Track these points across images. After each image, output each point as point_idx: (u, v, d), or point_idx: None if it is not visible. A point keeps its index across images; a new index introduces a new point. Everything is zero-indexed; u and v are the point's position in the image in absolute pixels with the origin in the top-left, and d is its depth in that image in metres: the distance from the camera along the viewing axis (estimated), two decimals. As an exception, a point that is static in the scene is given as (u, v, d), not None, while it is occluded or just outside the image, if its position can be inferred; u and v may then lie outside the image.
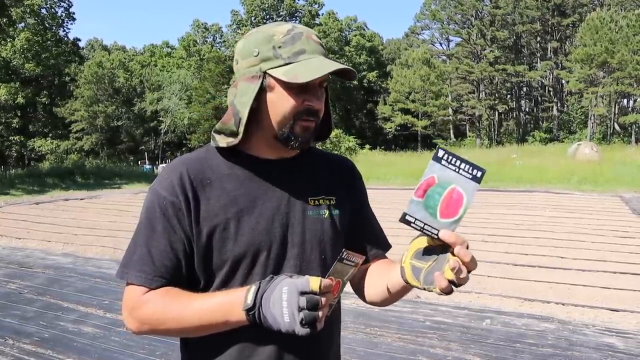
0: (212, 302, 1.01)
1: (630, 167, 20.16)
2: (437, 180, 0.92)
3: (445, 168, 0.92)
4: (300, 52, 1.05)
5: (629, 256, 6.61)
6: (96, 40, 60.76)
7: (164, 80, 49.04)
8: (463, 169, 0.91)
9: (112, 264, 6.75)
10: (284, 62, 1.05)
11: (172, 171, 1.10)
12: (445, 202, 0.92)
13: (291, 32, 1.07)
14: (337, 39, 51.62)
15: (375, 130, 54.06)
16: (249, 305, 0.96)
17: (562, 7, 48.94)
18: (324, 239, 1.14)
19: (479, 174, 0.91)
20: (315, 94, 1.07)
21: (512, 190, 16.86)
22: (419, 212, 0.92)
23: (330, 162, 1.27)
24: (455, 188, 0.91)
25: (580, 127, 44.91)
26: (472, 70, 48.02)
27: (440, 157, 0.92)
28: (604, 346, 3.84)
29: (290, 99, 1.06)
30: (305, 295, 0.92)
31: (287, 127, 1.08)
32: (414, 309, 4.75)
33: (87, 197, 16.72)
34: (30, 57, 36.22)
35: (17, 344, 4.00)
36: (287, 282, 0.95)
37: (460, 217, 0.92)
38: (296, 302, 0.92)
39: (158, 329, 1.05)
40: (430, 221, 0.92)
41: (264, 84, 1.07)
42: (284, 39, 1.06)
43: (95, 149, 47.76)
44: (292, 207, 1.12)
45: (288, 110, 1.06)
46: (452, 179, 0.91)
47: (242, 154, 1.14)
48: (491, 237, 8.04)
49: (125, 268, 1.07)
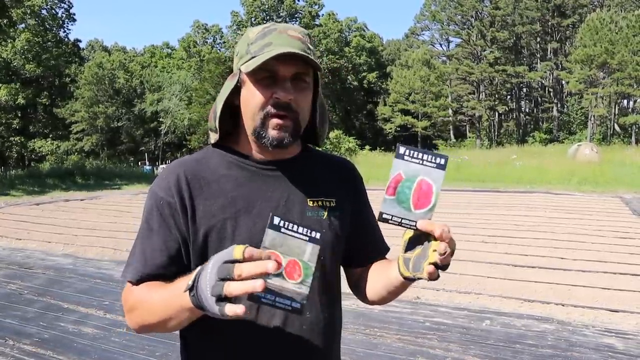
0: (172, 287, 0.97)
1: (630, 167, 20.16)
2: (404, 176, 0.96)
3: (409, 163, 0.96)
4: (267, 44, 1.05)
5: (629, 257, 6.61)
6: (97, 41, 60.80)
7: (164, 81, 49.07)
8: (426, 159, 0.95)
9: (112, 265, 6.76)
10: (251, 56, 1.06)
11: (169, 172, 1.11)
12: (417, 194, 0.95)
13: (266, 29, 1.08)
14: (337, 39, 51.62)
15: (375, 131, 54.05)
16: (189, 285, 0.88)
17: (562, 8, 48.95)
18: (323, 240, 1.14)
19: (442, 160, 0.95)
20: (283, 85, 1.05)
21: (512, 191, 16.86)
22: (393, 209, 0.96)
23: (331, 163, 1.26)
24: (423, 179, 0.95)
25: (580, 128, 44.91)
26: (472, 71, 48.03)
27: (402, 153, 0.96)
28: (603, 347, 3.85)
29: (257, 92, 1.06)
30: (227, 263, 0.83)
31: (259, 123, 1.07)
32: (414, 310, 4.75)
33: (87, 198, 16.72)
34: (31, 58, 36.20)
35: (17, 345, 4.01)
36: (217, 254, 0.86)
37: (433, 205, 0.95)
38: (216, 273, 0.82)
39: (143, 324, 1.05)
40: (406, 215, 0.96)
41: (239, 82, 1.09)
42: (257, 36, 1.08)
43: (96, 150, 47.79)
44: (290, 208, 1.12)
45: (257, 105, 1.06)
46: (418, 172, 0.95)
47: (240, 155, 1.15)
48: (491, 238, 8.04)
49: (125, 267, 1.10)
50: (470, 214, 10.86)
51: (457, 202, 13.31)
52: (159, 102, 47.08)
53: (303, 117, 1.10)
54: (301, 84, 1.07)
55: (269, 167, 1.14)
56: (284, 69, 1.04)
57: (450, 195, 14.92)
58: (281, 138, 1.06)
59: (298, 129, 1.09)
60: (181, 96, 46.17)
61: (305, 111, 1.10)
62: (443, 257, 0.93)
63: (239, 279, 0.81)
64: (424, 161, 0.95)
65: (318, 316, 1.13)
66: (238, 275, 0.81)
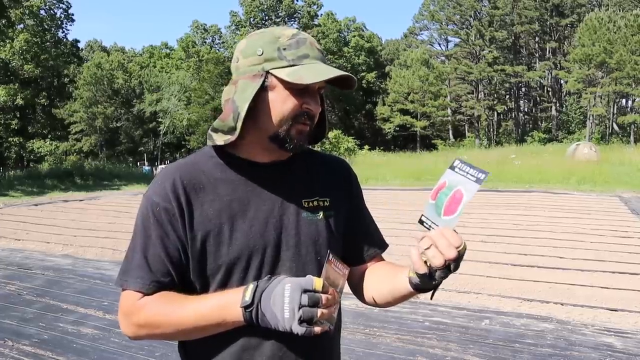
0: (209, 302, 1.02)
1: (629, 167, 20.20)
2: (447, 184, 1.01)
3: (456, 174, 1.01)
4: (305, 56, 1.07)
5: (628, 256, 6.62)
6: (95, 42, 60.72)
7: (163, 81, 49.03)
8: (470, 173, 0.99)
9: (111, 266, 6.75)
10: (289, 64, 1.06)
11: (165, 177, 1.10)
12: (449, 202, 0.99)
13: (296, 36, 1.09)
14: (336, 39, 51.64)
15: (374, 130, 54.06)
16: (247, 302, 0.96)
17: (560, 8, 49.01)
18: (319, 240, 1.15)
19: (482, 176, 0.99)
20: (314, 97, 1.09)
21: (511, 191, 16.87)
22: (430, 213, 1.02)
23: (325, 162, 1.27)
24: (459, 189, 0.99)
25: (579, 127, 44.97)
26: (470, 71, 48.07)
27: (455, 166, 1.02)
28: (602, 346, 3.85)
29: (291, 99, 1.07)
30: (308, 292, 0.93)
31: (284, 128, 1.08)
32: (413, 310, 4.75)
33: (86, 199, 16.72)
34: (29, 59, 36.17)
35: (17, 346, 4.00)
36: (290, 279, 0.96)
37: (458, 214, 0.98)
38: (298, 299, 0.93)
39: (154, 333, 1.06)
40: (436, 219, 1.00)
41: (266, 83, 1.07)
42: (289, 42, 1.07)
43: (94, 150, 47.77)
44: (285, 210, 1.13)
45: (288, 111, 1.07)
46: (459, 182, 1.00)
47: (235, 158, 1.14)
48: (490, 238, 8.05)
49: (124, 275, 1.09)
50: (470, 214, 10.87)
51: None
52: (157, 102, 47.04)
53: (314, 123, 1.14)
54: (321, 94, 1.13)
55: (264, 169, 1.15)
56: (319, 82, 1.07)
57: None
58: (302, 143, 1.11)
59: (311, 134, 1.14)
60: (180, 96, 46.16)
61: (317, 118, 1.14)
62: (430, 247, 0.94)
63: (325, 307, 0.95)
64: (468, 174, 1.00)
65: None
66: (325, 304, 0.95)
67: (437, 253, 0.93)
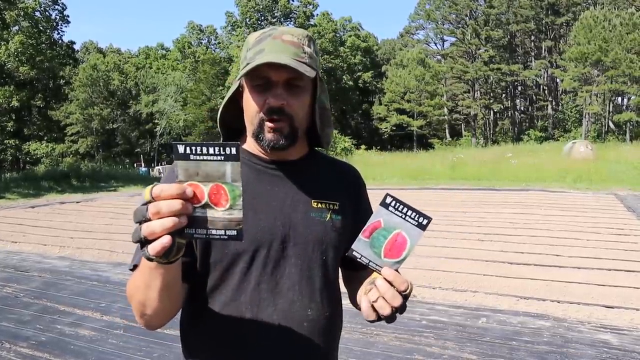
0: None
1: (624, 165, 20.25)
2: (383, 225, 0.97)
3: (392, 214, 0.97)
4: (260, 51, 1.08)
5: (624, 253, 6.64)
6: (91, 43, 60.60)
7: (159, 82, 48.97)
8: (409, 215, 0.97)
9: (108, 267, 6.75)
10: (246, 63, 1.09)
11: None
12: (390, 245, 0.98)
13: (263, 34, 1.11)
14: (332, 39, 51.57)
15: (370, 130, 54.09)
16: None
17: (555, 6, 49.08)
18: (326, 240, 1.16)
19: (425, 221, 0.97)
20: (275, 91, 1.08)
21: (508, 189, 16.90)
22: (365, 250, 0.98)
23: (336, 167, 1.29)
24: (400, 233, 0.97)
25: (575, 126, 45.04)
26: (466, 70, 48.09)
27: (388, 203, 0.97)
28: (599, 343, 3.87)
29: (254, 97, 1.09)
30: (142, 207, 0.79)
31: (256, 127, 1.11)
32: (410, 308, 4.76)
33: (83, 200, 16.68)
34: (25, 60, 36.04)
35: (14, 348, 4.00)
36: None
37: (403, 259, 0.98)
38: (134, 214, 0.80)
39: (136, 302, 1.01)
40: (375, 259, 0.98)
41: (240, 87, 1.13)
42: (254, 42, 1.11)
43: (91, 152, 47.68)
44: (295, 208, 1.14)
45: (253, 109, 1.10)
46: (398, 225, 0.97)
47: (249, 154, 1.17)
48: (487, 236, 8.06)
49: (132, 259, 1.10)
50: (466, 212, 10.89)
51: (453, 200, 13.34)
52: (154, 103, 46.96)
53: (299, 120, 1.12)
54: (294, 89, 1.09)
55: (275, 166, 1.16)
56: (276, 74, 1.07)
57: (446, 194, 14.96)
58: (276, 140, 1.10)
59: (295, 132, 1.12)
60: (176, 97, 46.10)
61: (301, 114, 1.12)
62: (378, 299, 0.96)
63: (157, 218, 0.77)
64: (407, 216, 0.97)
65: (319, 314, 1.15)
66: (154, 213, 0.77)
67: (384, 304, 0.96)
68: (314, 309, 1.13)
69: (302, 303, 1.12)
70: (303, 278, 1.12)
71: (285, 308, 1.09)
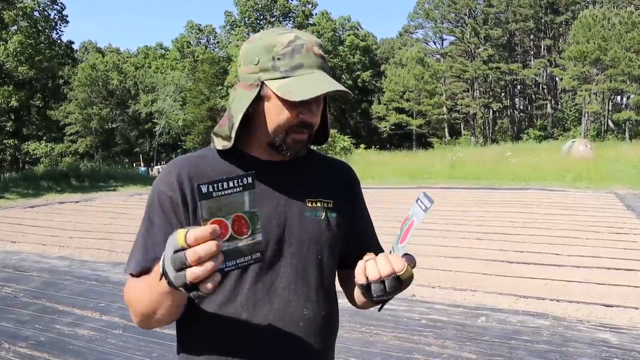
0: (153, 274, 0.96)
1: (624, 163, 20.26)
2: (410, 215, 1.06)
3: (417, 206, 1.05)
4: (298, 66, 1.06)
5: (624, 252, 6.65)
6: (90, 43, 60.57)
7: (158, 81, 48.90)
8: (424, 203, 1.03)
9: (107, 267, 6.74)
10: (281, 75, 1.06)
11: (172, 168, 1.13)
12: (406, 231, 1.05)
13: (292, 43, 1.07)
14: (331, 38, 51.55)
15: (369, 129, 54.09)
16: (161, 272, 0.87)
17: (554, 5, 49.09)
18: (321, 239, 1.16)
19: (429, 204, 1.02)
20: (310, 108, 1.09)
21: (507, 188, 16.91)
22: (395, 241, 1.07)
23: (330, 166, 1.29)
24: (414, 219, 1.05)
25: (575, 125, 45.04)
26: (466, 69, 48.11)
27: (419, 198, 1.05)
28: (598, 341, 3.87)
29: (285, 111, 1.08)
30: (176, 253, 0.81)
31: (280, 137, 1.10)
32: (410, 308, 4.76)
33: (82, 200, 16.67)
34: (24, 60, 35.94)
35: (13, 348, 3.99)
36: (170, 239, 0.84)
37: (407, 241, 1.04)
38: (172, 261, 0.81)
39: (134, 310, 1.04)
40: (395, 247, 1.06)
41: (262, 93, 1.09)
42: (284, 51, 1.06)
43: (90, 152, 47.64)
44: (289, 208, 1.14)
45: (282, 122, 1.09)
46: (415, 213, 1.05)
47: (243, 154, 1.17)
48: (486, 235, 8.07)
49: (128, 261, 1.11)
50: (466, 211, 10.89)
51: (452, 199, 13.34)
52: (153, 103, 46.90)
53: (315, 128, 1.15)
54: (320, 102, 1.13)
55: (271, 166, 1.16)
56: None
57: (445, 193, 14.95)
58: (300, 150, 1.13)
59: (311, 140, 1.15)
60: (175, 97, 46.06)
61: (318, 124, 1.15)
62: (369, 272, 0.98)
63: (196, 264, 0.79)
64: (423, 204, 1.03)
65: (315, 314, 1.15)
66: (195, 261, 0.79)
67: (374, 268, 0.98)
68: (310, 308, 1.13)
69: (298, 302, 1.12)
70: (299, 277, 1.13)
71: (281, 308, 1.10)
